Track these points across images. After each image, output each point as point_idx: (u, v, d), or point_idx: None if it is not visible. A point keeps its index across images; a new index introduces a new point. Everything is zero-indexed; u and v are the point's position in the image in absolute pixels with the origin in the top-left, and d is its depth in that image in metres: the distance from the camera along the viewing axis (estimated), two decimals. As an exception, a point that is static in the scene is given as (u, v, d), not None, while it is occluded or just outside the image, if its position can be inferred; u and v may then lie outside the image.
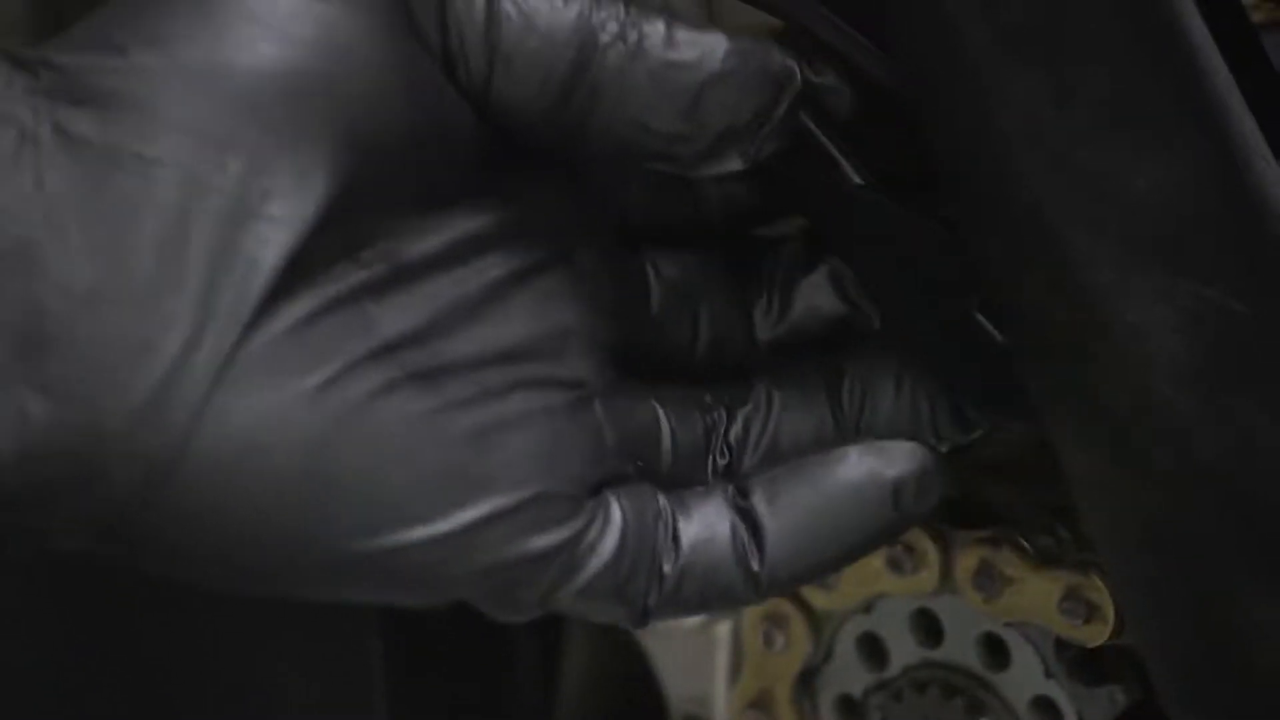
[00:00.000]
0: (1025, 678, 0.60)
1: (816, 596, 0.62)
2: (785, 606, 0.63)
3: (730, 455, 0.50)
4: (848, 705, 0.64)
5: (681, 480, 0.49)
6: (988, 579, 0.57)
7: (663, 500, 0.47)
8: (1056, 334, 0.44)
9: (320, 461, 0.43)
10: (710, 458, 0.49)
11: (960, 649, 0.61)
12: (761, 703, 0.64)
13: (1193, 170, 0.42)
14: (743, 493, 0.48)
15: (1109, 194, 0.43)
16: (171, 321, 0.41)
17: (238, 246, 0.42)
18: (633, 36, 0.45)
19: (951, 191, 0.46)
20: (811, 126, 0.47)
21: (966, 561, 0.58)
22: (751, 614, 0.64)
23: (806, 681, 0.64)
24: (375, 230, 0.44)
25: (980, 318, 0.47)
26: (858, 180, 0.48)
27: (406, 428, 0.43)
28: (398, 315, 0.44)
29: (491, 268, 0.46)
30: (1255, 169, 0.42)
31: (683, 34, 0.45)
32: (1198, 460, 0.43)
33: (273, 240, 0.42)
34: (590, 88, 0.45)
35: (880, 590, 0.61)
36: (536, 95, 0.45)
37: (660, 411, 0.49)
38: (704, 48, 0.45)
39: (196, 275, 0.42)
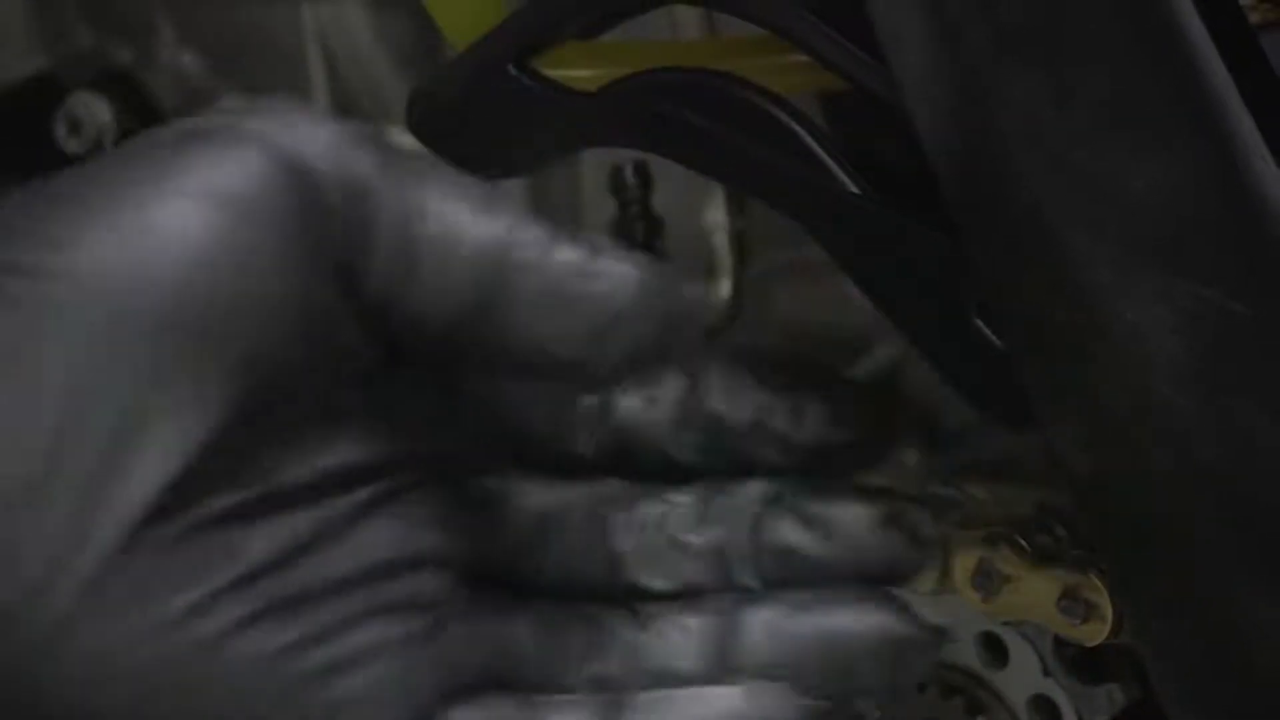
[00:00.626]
0: (1024, 676, 0.60)
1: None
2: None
3: (599, 674, 0.47)
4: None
5: (546, 691, 0.46)
6: (986, 578, 0.57)
7: (517, 713, 0.45)
8: (1056, 334, 0.44)
9: (169, 694, 0.41)
10: (578, 673, 0.47)
11: (958, 648, 0.61)
12: (760, 702, 0.64)
13: (1192, 170, 0.42)
14: (614, 707, 0.45)
15: (1108, 194, 0.43)
16: (41, 535, 0.40)
17: (121, 463, 0.41)
18: (549, 262, 0.44)
19: (951, 192, 0.46)
20: (807, 137, 0.47)
21: (965, 561, 0.58)
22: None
23: (805, 680, 0.64)
24: (258, 454, 0.43)
25: (979, 323, 0.47)
26: (853, 189, 0.48)
27: (259, 666, 0.42)
28: (265, 541, 0.43)
29: (362, 492, 0.45)
30: (1255, 169, 0.42)
31: (598, 264, 0.44)
32: (1198, 461, 0.43)
33: (157, 461, 0.41)
34: (500, 310, 0.44)
35: (878, 589, 0.61)
36: (445, 314, 0.44)
37: (522, 627, 0.47)
38: (615, 280, 0.44)
39: (74, 489, 0.40)
